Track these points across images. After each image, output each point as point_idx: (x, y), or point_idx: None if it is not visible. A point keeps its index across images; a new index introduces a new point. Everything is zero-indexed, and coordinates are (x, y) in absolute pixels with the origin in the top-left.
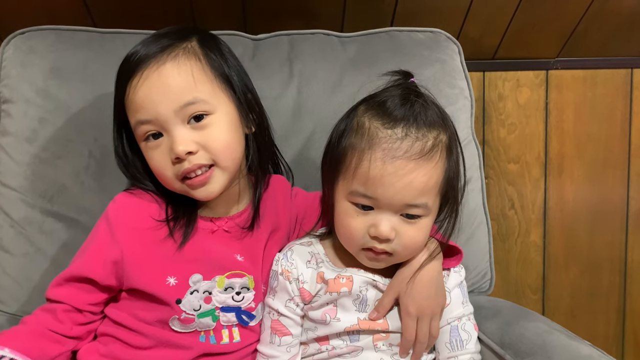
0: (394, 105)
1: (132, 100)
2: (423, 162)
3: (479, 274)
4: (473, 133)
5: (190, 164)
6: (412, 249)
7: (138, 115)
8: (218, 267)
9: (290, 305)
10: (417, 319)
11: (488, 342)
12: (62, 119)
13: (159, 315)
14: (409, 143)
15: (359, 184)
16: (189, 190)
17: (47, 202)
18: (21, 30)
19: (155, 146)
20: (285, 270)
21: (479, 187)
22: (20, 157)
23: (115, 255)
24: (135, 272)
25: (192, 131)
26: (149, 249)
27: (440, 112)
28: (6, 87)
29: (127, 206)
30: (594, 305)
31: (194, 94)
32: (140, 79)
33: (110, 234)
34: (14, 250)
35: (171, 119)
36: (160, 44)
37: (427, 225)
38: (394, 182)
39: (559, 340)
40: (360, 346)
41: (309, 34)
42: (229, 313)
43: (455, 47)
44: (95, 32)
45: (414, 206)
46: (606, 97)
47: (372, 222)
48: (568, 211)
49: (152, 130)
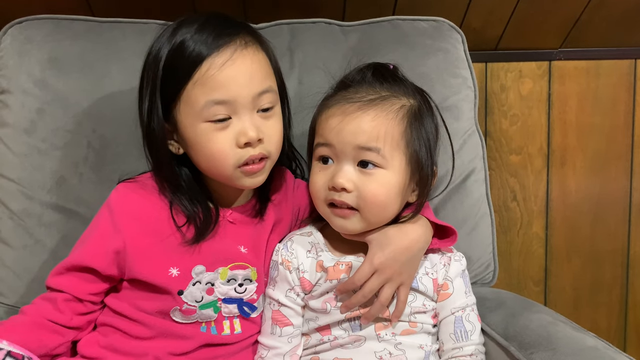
0: (350, 74)
1: (213, 78)
2: (371, 108)
3: (482, 265)
4: (476, 123)
5: (256, 151)
6: (374, 204)
7: (215, 94)
8: (221, 259)
9: (291, 295)
10: (384, 283)
11: (492, 333)
12: (60, 110)
13: (160, 306)
14: (359, 95)
15: (318, 136)
16: (242, 177)
17: (45, 193)
18: (18, 20)
19: (222, 128)
20: (286, 260)
21: (482, 178)
22: (19, 148)
23: (117, 245)
24: (138, 263)
25: (260, 120)
26: (151, 239)
27: (410, 86)
28: (3, 77)
29: (130, 196)
30: (596, 297)
31: (270, 82)
32: (230, 59)
33: (112, 223)
34: (13, 242)
35: (248, 104)
36: (233, 28)
37: (387, 180)
38: (344, 125)
39: (563, 332)
40: (362, 336)
41: (310, 23)
42: (231, 304)
43: (458, 37)
44: (93, 21)
45: (367, 149)
46: (609, 88)
47: (331, 175)
48: (570, 203)
49: (223, 113)
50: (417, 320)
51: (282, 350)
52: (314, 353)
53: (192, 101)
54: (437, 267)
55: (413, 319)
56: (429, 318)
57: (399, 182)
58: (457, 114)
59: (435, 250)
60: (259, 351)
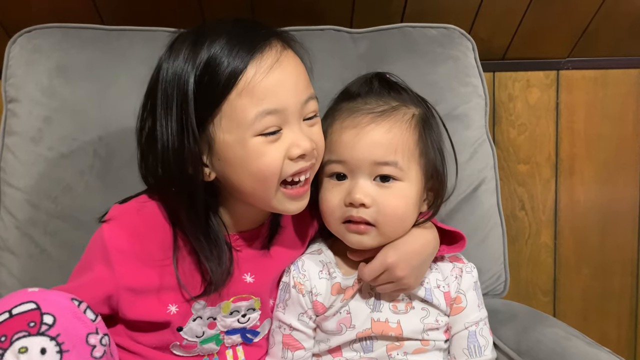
0: (356, 85)
1: (260, 84)
2: (384, 119)
3: (493, 277)
4: (487, 132)
5: (307, 162)
6: (393, 218)
7: (265, 103)
8: (224, 293)
9: (304, 318)
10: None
11: (504, 348)
12: (68, 118)
13: (158, 341)
14: (370, 106)
15: (328, 153)
16: (287, 200)
17: (51, 202)
18: (27, 29)
19: (274, 140)
20: (298, 283)
21: (493, 188)
22: (26, 156)
23: (109, 289)
24: (133, 303)
25: (308, 129)
26: (149, 275)
27: (414, 94)
28: (12, 86)
29: (126, 227)
30: (606, 307)
31: (312, 89)
32: (276, 61)
33: (105, 262)
34: (19, 251)
35: (297, 112)
36: (265, 30)
37: (405, 193)
38: (358, 140)
39: (577, 347)
40: (374, 357)
41: (319, 30)
42: (234, 335)
43: (469, 44)
44: (101, 29)
45: (384, 164)
46: (617, 98)
47: (347, 191)
48: (579, 212)
49: (275, 124)
50: (429, 337)
51: None
52: None
53: (238, 114)
54: (448, 279)
55: (426, 336)
56: (441, 334)
57: (416, 192)
58: (468, 123)
59: (444, 258)
60: None
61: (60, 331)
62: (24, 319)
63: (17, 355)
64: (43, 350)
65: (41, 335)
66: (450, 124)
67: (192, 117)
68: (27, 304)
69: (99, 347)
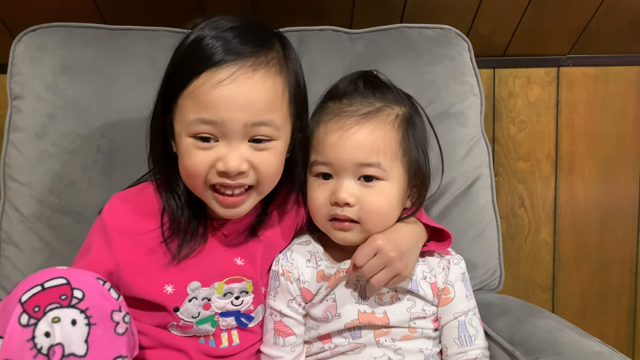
0: (342, 84)
1: (206, 94)
2: (368, 121)
3: (488, 272)
4: (483, 130)
5: (234, 181)
6: (376, 216)
7: (205, 113)
8: (217, 274)
9: (293, 305)
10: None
11: (498, 339)
12: (71, 115)
13: (157, 321)
14: (354, 107)
15: (315, 154)
16: (214, 203)
17: (55, 197)
18: (32, 28)
19: (204, 148)
20: (286, 271)
21: (489, 185)
22: (30, 152)
23: (109, 266)
24: (132, 281)
25: (249, 150)
26: (145, 256)
27: (398, 92)
28: (17, 83)
29: (123, 210)
30: (605, 304)
31: (273, 116)
32: (229, 77)
33: (105, 242)
34: (24, 245)
35: (238, 131)
36: (253, 43)
37: (388, 192)
38: (342, 142)
39: (569, 337)
40: (362, 343)
41: (318, 30)
42: (228, 317)
43: (465, 44)
44: (104, 29)
45: (367, 165)
46: (618, 95)
47: (332, 190)
48: (579, 210)
49: (208, 132)
50: (416, 325)
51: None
52: None
53: (182, 111)
54: (435, 270)
55: (412, 324)
56: (429, 323)
57: (398, 191)
58: (464, 121)
59: (432, 253)
60: None
61: (89, 305)
62: (56, 292)
63: (50, 324)
64: (74, 322)
65: (72, 308)
66: (447, 122)
67: (163, 92)
68: (58, 279)
69: (122, 324)
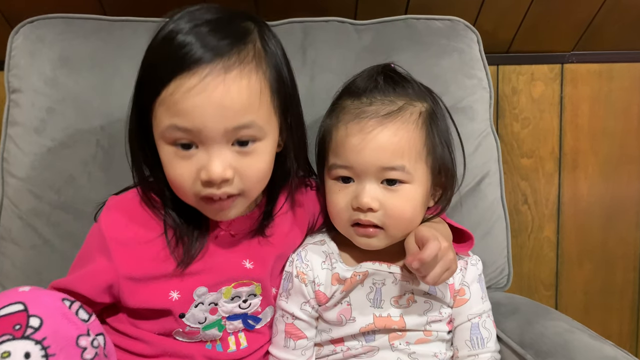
0: (361, 81)
1: (177, 102)
2: (391, 122)
3: (497, 270)
4: (492, 125)
5: (219, 190)
6: (400, 220)
7: (177, 120)
8: (225, 278)
9: (306, 308)
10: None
11: (508, 341)
12: (70, 109)
13: (161, 328)
14: (375, 107)
15: (334, 156)
16: (204, 208)
17: (54, 193)
18: (30, 19)
19: (184, 156)
20: (301, 273)
21: (497, 181)
22: (29, 147)
23: (109, 278)
24: (135, 292)
25: (234, 155)
26: (148, 265)
27: (418, 86)
28: (15, 77)
29: (122, 221)
30: (608, 302)
31: (253, 117)
32: (199, 85)
33: (104, 253)
34: (22, 242)
35: (217, 138)
36: (226, 38)
37: (412, 195)
38: (364, 145)
39: (580, 340)
40: (376, 346)
41: (323, 22)
42: (235, 320)
43: (474, 36)
44: (104, 20)
45: (391, 169)
46: (622, 92)
47: (354, 194)
48: (582, 207)
49: (185, 139)
50: (432, 329)
51: None
52: None
53: (156, 118)
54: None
55: (428, 327)
56: (444, 326)
57: (423, 193)
58: (472, 115)
59: None
60: None
61: (47, 334)
62: (10, 321)
63: None
64: (27, 355)
65: (25, 339)
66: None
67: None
68: (14, 305)
69: (90, 349)
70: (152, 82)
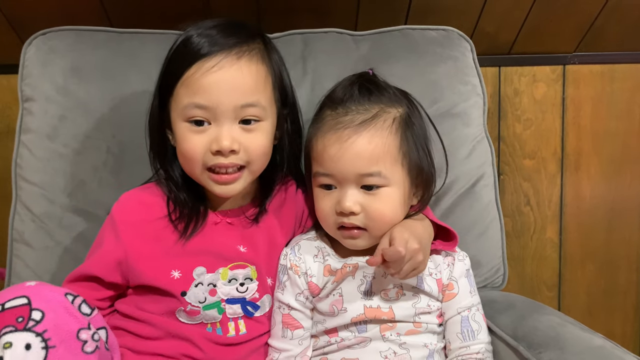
0: (340, 90)
1: (197, 81)
2: (365, 129)
3: (492, 269)
4: (485, 130)
5: (227, 160)
6: (381, 222)
7: (197, 98)
8: (221, 259)
9: (301, 298)
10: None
11: (501, 334)
12: (81, 116)
13: (165, 307)
14: (350, 117)
15: (317, 165)
16: (210, 183)
17: (66, 197)
18: (42, 31)
19: (197, 131)
20: (294, 265)
21: (492, 183)
22: (41, 153)
23: (118, 255)
24: (140, 269)
25: (240, 131)
26: (152, 243)
27: (394, 92)
28: (28, 85)
29: (130, 203)
30: (611, 303)
31: (257, 97)
32: (216, 65)
33: (113, 234)
34: (35, 243)
35: (228, 114)
36: (236, 36)
37: (391, 197)
38: (342, 154)
39: (571, 332)
40: (368, 337)
41: (322, 33)
42: (234, 305)
43: (467, 45)
44: (113, 32)
45: (368, 175)
46: (624, 93)
47: (336, 200)
48: (584, 208)
49: (202, 116)
50: (421, 320)
51: (293, 353)
52: (322, 354)
53: (177, 99)
54: (440, 267)
55: (417, 319)
56: (434, 318)
57: (402, 194)
58: (467, 121)
59: (438, 251)
60: (270, 354)
61: (48, 327)
62: (13, 313)
63: (2, 350)
64: (28, 346)
65: (27, 331)
66: (450, 121)
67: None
68: (19, 298)
69: (90, 342)
70: (176, 66)
